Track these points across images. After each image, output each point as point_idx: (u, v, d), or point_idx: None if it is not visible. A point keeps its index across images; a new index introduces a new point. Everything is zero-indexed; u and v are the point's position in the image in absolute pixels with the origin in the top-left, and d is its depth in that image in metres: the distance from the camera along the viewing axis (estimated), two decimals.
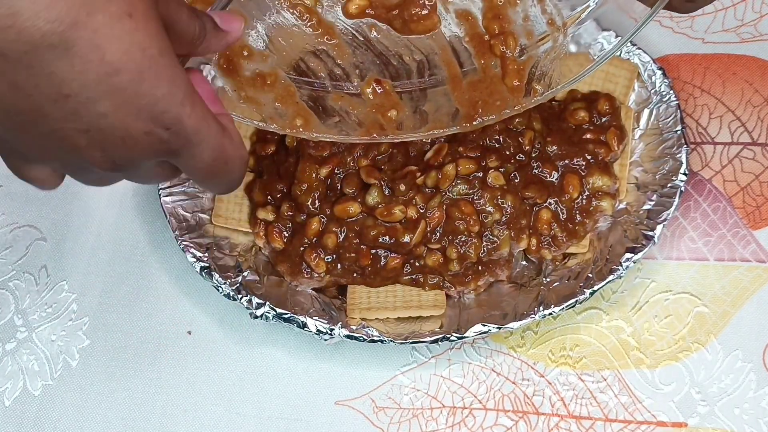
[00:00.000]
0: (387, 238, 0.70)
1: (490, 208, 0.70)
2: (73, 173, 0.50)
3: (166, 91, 0.45)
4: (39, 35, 0.42)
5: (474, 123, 0.65)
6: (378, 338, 0.68)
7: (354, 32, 0.68)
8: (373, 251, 0.70)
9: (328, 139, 0.65)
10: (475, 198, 0.70)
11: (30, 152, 0.48)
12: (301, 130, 0.64)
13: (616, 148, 0.73)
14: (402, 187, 0.70)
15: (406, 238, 0.70)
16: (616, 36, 0.74)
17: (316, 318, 0.69)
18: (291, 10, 0.67)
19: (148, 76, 0.45)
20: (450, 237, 0.70)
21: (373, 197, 0.70)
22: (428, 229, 0.70)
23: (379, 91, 0.66)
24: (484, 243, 0.71)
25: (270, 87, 0.65)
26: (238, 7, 0.64)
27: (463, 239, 0.70)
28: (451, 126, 0.65)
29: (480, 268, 0.71)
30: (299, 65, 0.67)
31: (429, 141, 0.72)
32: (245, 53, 0.65)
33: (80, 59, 0.43)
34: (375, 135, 0.65)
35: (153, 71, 0.45)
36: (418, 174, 0.70)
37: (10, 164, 0.50)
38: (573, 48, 0.72)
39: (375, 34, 0.68)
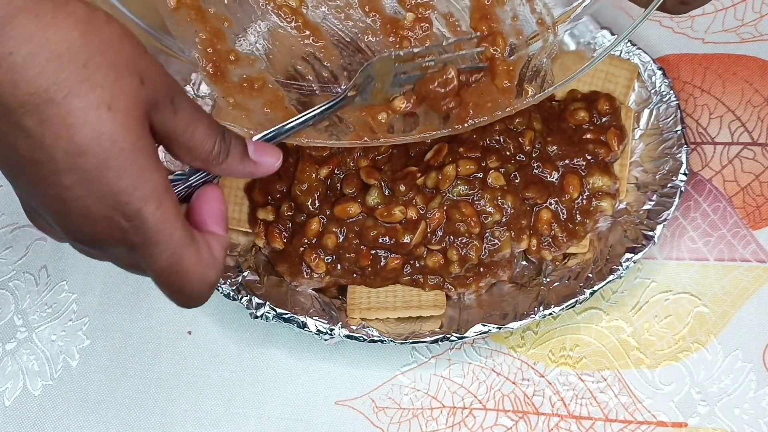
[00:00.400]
0: (387, 238, 0.70)
1: (490, 209, 0.70)
2: (59, 235, 0.52)
3: (129, 184, 0.47)
4: (17, 103, 0.45)
5: (465, 125, 0.64)
6: (378, 338, 0.68)
7: (340, 33, 0.68)
8: (373, 252, 0.70)
9: (319, 144, 0.65)
10: (476, 199, 0.70)
11: (28, 199, 0.50)
12: (292, 135, 0.64)
13: (616, 148, 0.73)
14: (402, 188, 0.70)
15: (406, 239, 0.70)
16: (612, 34, 0.74)
17: (316, 318, 0.69)
18: (276, 11, 0.67)
19: (113, 166, 0.47)
20: (450, 238, 0.70)
21: (373, 198, 0.70)
22: (428, 229, 0.70)
23: None
24: (485, 244, 0.71)
25: (258, 92, 0.65)
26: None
27: (464, 241, 0.70)
28: (443, 128, 0.65)
29: (481, 269, 0.71)
30: (287, 69, 0.67)
31: (429, 141, 0.72)
32: (232, 58, 0.65)
33: (51, 133, 0.46)
34: (366, 139, 0.65)
35: (119, 162, 0.47)
36: (418, 175, 0.70)
37: (24, 208, 0.52)
38: (573, 46, 0.72)
39: (366, 37, 0.68)
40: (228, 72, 0.64)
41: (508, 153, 0.71)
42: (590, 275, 0.70)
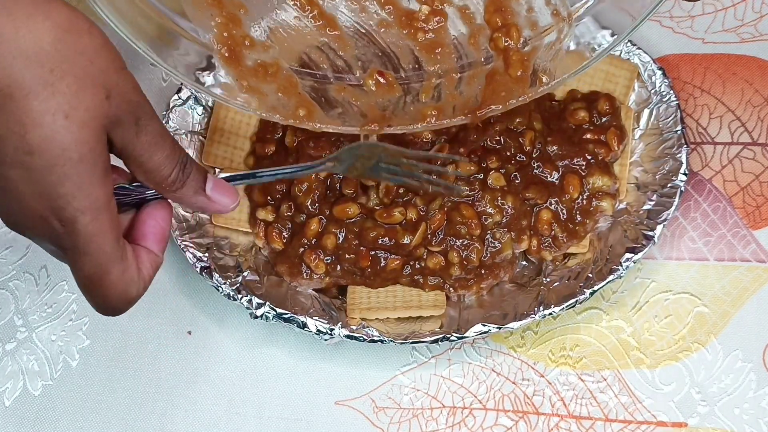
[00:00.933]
0: (386, 239, 0.70)
1: (490, 210, 0.70)
2: None
3: (69, 192, 0.48)
4: None
5: (479, 114, 0.64)
6: (378, 338, 0.68)
7: (356, 24, 0.68)
8: (373, 253, 0.70)
9: (331, 130, 0.65)
10: (476, 200, 0.70)
11: None
12: (304, 120, 0.64)
13: (616, 148, 0.73)
14: (401, 189, 0.70)
15: (406, 240, 0.70)
16: (612, 35, 0.74)
17: (316, 318, 0.69)
18: (292, 1, 0.68)
19: (58, 172, 0.48)
20: (451, 240, 0.70)
21: (372, 199, 0.70)
22: (429, 231, 0.70)
23: (381, 83, 0.66)
24: (486, 246, 0.71)
25: (272, 77, 0.65)
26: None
27: (464, 243, 0.70)
28: (456, 116, 0.65)
29: (483, 271, 0.71)
30: (301, 57, 0.68)
31: (429, 141, 0.72)
32: (247, 43, 0.65)
33: (6, 127, 0.47)
34: (377, 126, 0.65)
35: (64, 170, 0.48)
36: None
37: None
38: (573, 46, 0.72)
39: (381, 29, 0.68)
40: (243, 56, 0.65)
41: (508, 153, 0.71)
42: (590, 275, 0.70)
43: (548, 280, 0.71)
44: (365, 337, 0.68)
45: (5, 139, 0.47)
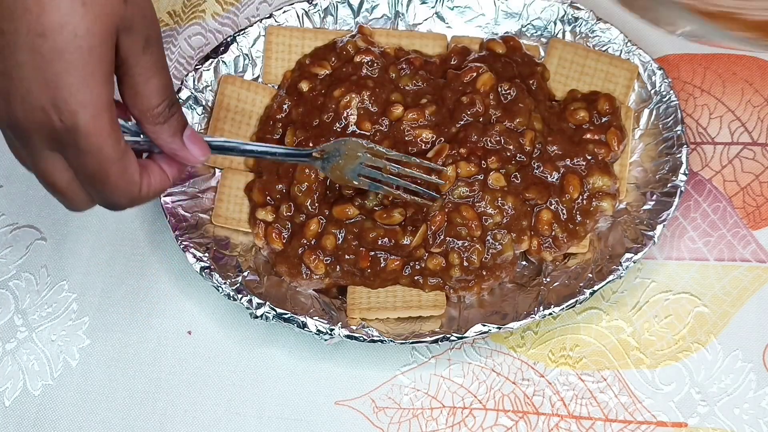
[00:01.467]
0: (386, 240, 0.70)
1: (491, 211, 0.70)
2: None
3: (73, 83, 0.49)
4: None
5: None
6: (378, 338, 0.68)
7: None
8: (372, 253, 0.70)
9: None
10: (476, 201, 0.70)
11: None
12: None
13: (616, 148, 0.73)
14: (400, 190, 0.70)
15: (406, 241, 0.70)
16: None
17: (316, 318, 0.69)
18: None
19: (66, 59, 0.49)
20: (451, 241, 0.70)
21: (371, 200, 0.70)
22: (429, 232, 0.70)
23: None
24: (487, 247, 0.71)
25: None
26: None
27: (465, 244, 0.70)
28: None
29: (484, 273, 0.71)
30: None
31: (429, 141, 0.72)
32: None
33: (23, 7, 0.48)
34: None
35: (73, 57, 0.49)
36: None
37: None
38: (570, 37, 0.72)
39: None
40: None
41: (508, 153, 0.71)
42: (590, 275, 0.70)
43: (548, 280, 0.71)
44: (365, 337, 0.68)
45: (21, 18, 0.48)
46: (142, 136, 0.57)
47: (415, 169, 0.69)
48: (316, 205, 0.71)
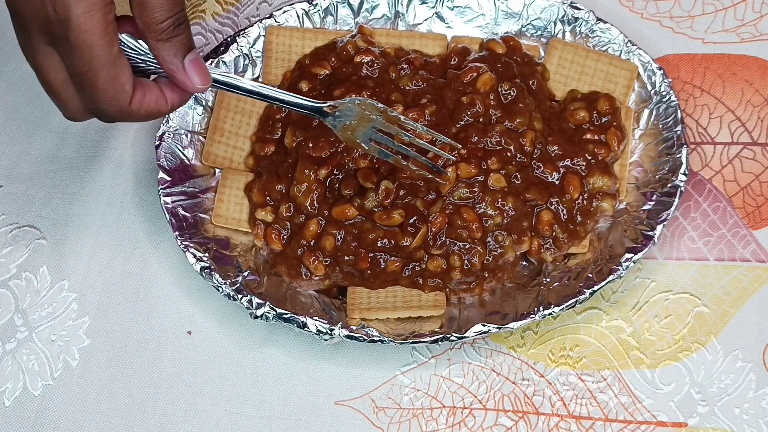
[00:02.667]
0: (386, 241, 0.70)
1: (491, 212, 0.70)
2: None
3: None
4: None
5: None
6: (378, 338, 0.68)
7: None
8: (372, 255, 0.70)
9: None
10: (476, 202, 0.70)
11: None
12: None
13: (617, 149, 0.73)
14: (402, 191, 0.70)
15: (406, 242, 0.70)
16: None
17: (316, 318, 0.69)
18: None
19: None
20: (452, 243, 0.70)
21: (371, 201, 0.70)
22: (429, 234, 0.70)
23: None
24: (488, 249, 0.70)
25: None
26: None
27: (466, 246, 0.70)
28: None
29: (486, 274, 0.71)
30: None
31: (429, 141, 0.72)
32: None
33: None
34: None
35: None
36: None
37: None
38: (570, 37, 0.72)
39: None
40: None
41: (508, 154, 0.71)
42: (590, 275, 0.70)
43: (548, 280, 0.71)
44: (365, 337, 0.68)
45: None
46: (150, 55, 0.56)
47: (428, 141, 0.68)
48: (316, 205, 0.71)
